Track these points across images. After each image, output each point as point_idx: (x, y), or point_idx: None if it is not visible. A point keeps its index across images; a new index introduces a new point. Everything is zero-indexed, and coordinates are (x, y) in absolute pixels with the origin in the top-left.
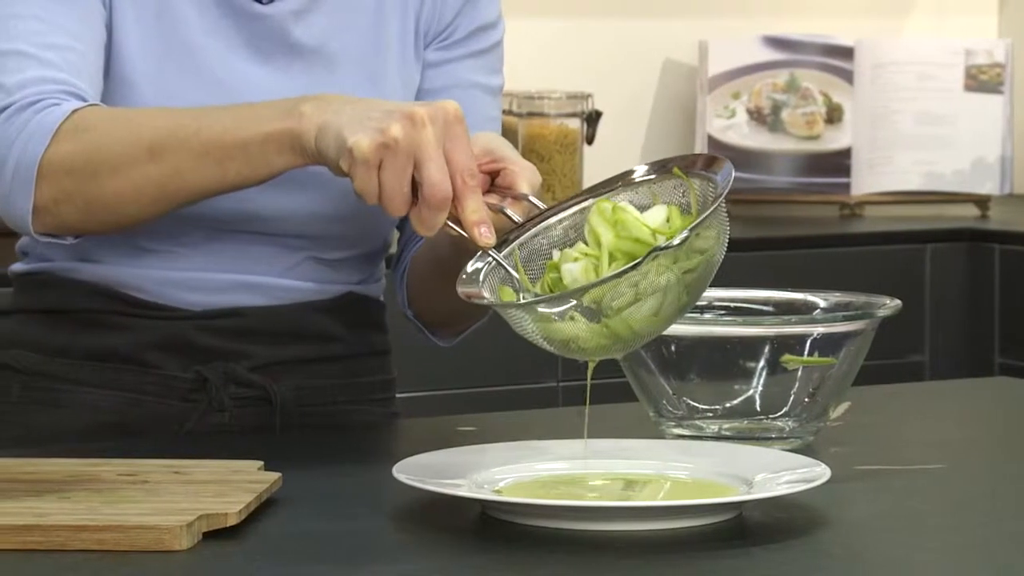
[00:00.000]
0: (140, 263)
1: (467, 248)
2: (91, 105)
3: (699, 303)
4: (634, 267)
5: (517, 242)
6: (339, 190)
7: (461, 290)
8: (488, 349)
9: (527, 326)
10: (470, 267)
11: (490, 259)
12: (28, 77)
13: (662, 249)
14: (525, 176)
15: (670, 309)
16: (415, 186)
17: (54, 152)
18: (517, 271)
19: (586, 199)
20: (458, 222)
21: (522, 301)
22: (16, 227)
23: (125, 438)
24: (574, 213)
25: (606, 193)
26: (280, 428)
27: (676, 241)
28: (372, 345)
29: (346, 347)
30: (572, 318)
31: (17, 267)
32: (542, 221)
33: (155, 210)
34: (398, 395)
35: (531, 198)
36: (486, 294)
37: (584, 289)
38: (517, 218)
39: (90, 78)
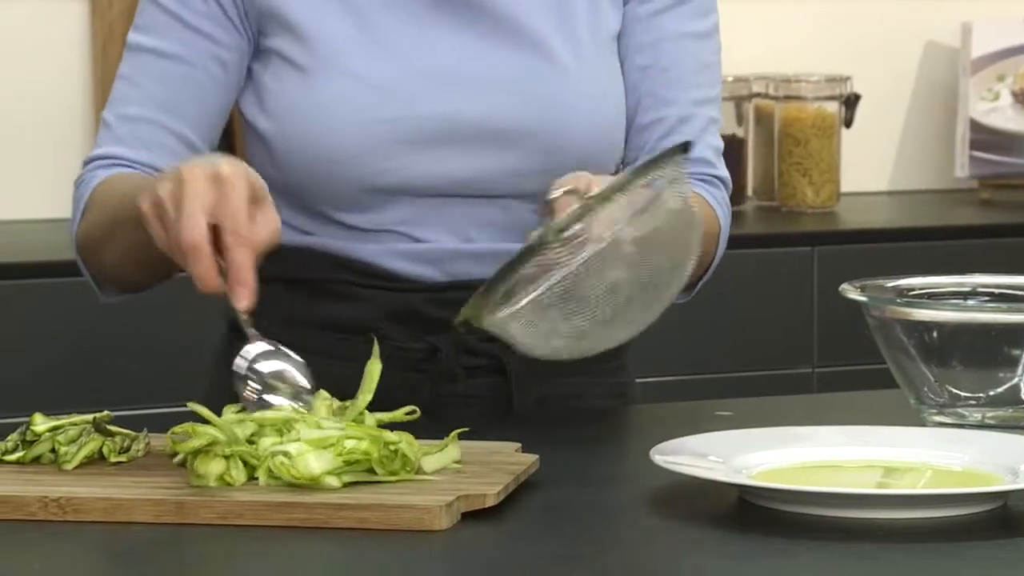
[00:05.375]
0: (362, 239)
1: None
2: (107, 179)
3: (962, 289)
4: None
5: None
6: (534, 144)
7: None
8: (742, 335)
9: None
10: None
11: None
12: (97, 153)
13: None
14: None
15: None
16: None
17: (79, 232)
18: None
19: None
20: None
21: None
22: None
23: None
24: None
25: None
26: (516, 399)
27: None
28: None
29: None
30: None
31: None
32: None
33: (148, 273)
34: (650, 379)
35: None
36: None
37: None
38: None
39: (159, 146)
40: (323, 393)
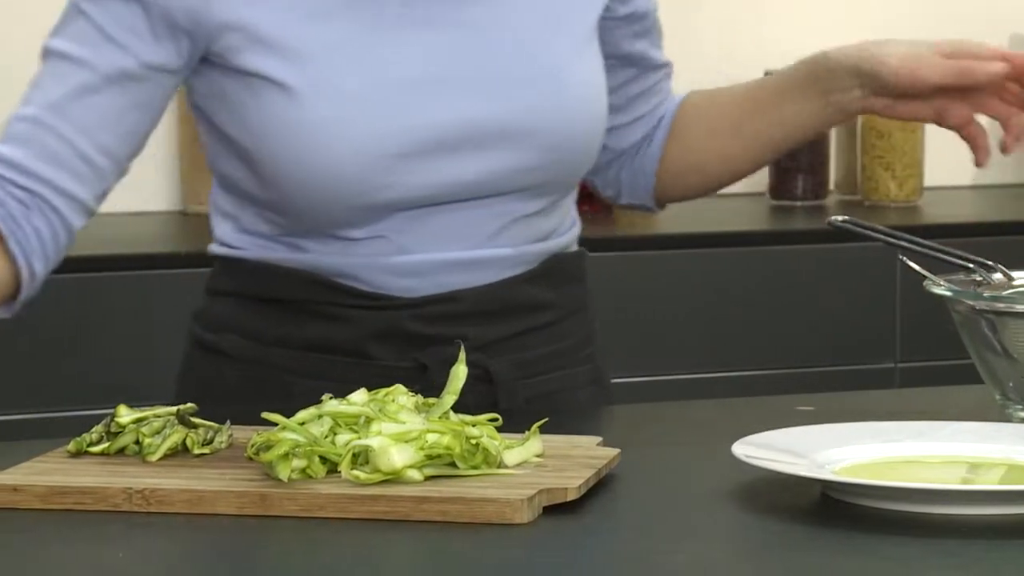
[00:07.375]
0: (347, 251)
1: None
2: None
3: None
4: None
5: None
6: (536, 142)
7: None
8: (824, 329)
9: None
10: None
11: None
12: None
13: None
14: None
15: None
16: None
17: None
18: None
19: None
20: None
21: None
22: None
23: None
24: None
25: None
26: (503, 406)
27: None
28: (574, 302)
29: (553, 313)
30: None
31: (221, 249)
32: None
33: None
34: (733, 373)
35: None
36: None
37: None
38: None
39: (42, 148)
40: (402, 388)
